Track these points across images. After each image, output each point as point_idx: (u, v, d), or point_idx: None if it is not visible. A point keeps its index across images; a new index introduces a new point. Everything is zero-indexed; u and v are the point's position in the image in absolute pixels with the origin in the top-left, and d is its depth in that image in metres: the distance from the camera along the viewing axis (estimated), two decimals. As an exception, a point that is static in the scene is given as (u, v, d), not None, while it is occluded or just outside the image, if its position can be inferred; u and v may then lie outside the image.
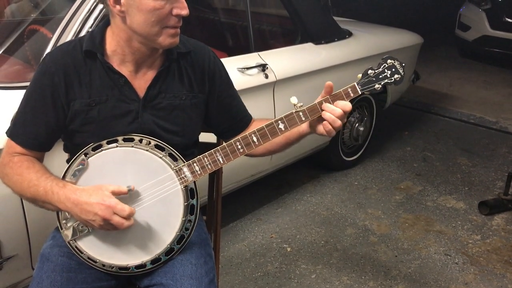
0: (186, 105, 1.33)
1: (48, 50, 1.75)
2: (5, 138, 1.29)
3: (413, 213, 2.90)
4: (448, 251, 2.55)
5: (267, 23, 2.98)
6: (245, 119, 1.45)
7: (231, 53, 2.45)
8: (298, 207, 2.92)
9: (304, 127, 1.29)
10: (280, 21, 3.08)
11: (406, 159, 3.61)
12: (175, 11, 1.18)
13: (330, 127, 1.22)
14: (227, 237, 2.60)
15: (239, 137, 1.26)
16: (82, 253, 1.27)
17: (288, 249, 2.53)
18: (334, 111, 1.21)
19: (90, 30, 1.76)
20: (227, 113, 1.42)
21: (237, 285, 2.25)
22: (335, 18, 3.31)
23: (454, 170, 3.45)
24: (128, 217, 1.16)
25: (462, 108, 4.63)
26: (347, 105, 1.22)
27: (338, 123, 1.21)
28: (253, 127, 1.33)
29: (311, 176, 3.29)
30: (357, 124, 3.27)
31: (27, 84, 1.28)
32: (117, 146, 1.24)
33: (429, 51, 6.05)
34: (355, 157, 3.44)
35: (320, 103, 1.23)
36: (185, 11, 1.19)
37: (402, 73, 1.29)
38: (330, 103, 1.22)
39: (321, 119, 1.23)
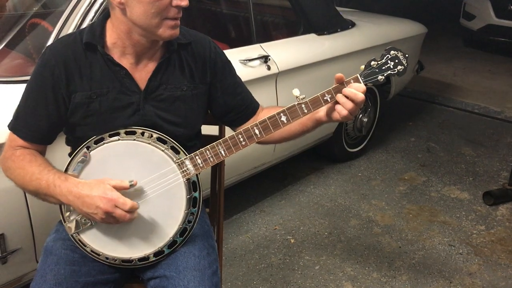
0: (187, 96, 1.33)
1: (49, 43, 1.74)
2: (7, 132, 1.29)
3: (417, 204, 2.89)
4: (452, 241, 2.55)
5: (269, 14, 2.96)
6: (252, 106, 1.44)
7: (233, 45, 2.43)
8: (302, 198, 2.92)
9: (322, 115, 1.28)
10: (282, 12, 3.06)
11: (410, 149, 3.60)
12: (174, 2, 1.17)
13: (346, 112, 1.20)
14: (231, 229, 2.60)
15: (241, 129, 1.25)
16: (85, 246, 1.28)
17: (292, 241, 2.53)
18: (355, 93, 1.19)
19: (91, 22, 1.75)
20: (232, 101, 1.41)
21: (240, 277, 2.26)
22: (338, 8, 3.28)
23: (458, 160, 3.44)
24: (130, 211, 1.17)
25: (467, 98, 4.60)
26: (360, 86, 1.21)
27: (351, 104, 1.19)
28: (263, 115, 1.32)
29: (315, 167, 3.28)
30: (360, 115, 3.26)
31: (29, 78, 1.28)
32: (119, 139, 1.24)
33: (433, 41, 6.01)
34: (358, 148, 3.43)
35: (329, 91, 1.22)
36: (184, 2, 1.18)
37: (406, 64, 1.28)
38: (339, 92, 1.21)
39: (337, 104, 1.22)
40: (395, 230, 2.63)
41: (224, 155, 1.26)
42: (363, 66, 1.25)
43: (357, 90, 1.20)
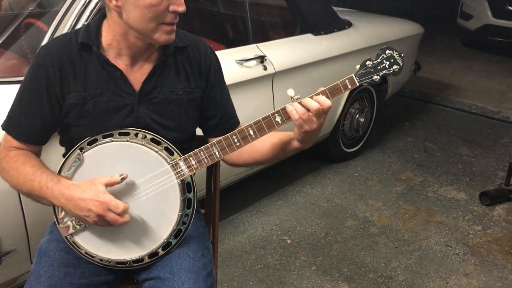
0: (182, 100, 1.32)
1: (44, 43, 1.73)
2: (2, 132, 1.28)
3: (413, 204, 2.89)
4: (448, 242, 2.55)
5: (266, 14, 2.96)
6: (233, 121, 1.44)
7: (230, 44, 2.43)
8: (298, 199, 2.91)
9: (291, 136, 1.27)
10: (279, 12, 3.06)
11: (407, 150, 3.60)
12: (171, 8, 1.17)
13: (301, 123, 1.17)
14: (227, 230, 2.60)
15: (235, 130, 1.25)
16: (79, 248, 1.27)
17: (288, 241, 2.53)
18: (298, 108, 1.16)
19: (86, 23, 1.74)
20: (216, 110, 1.40)
21: (237, 278, 2.26)
22: (335, 8, 3.28)
23: (455, 160, 3.44)
24: (122, 214, 1.16)
25: (464, 98, 4.60)
26: (325, 101, 1.17)
27: (303, 119, 1.16)
28: None
29: (312, 167, 3.28)
30: (357, 115, 3.25)
31: (23, 78, 1.27)
32: (112, 141, 1.23)
33: (431, 40, 6.02)
34: (355, 148, 3.43)
35: (323, 92, 1.20)
36: (181, 8, 1.18)
37: (401, 64, 1.27)
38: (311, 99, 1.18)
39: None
40: (391, 231, 2.63)
41: (218, 156, 1.25)
42: (358, 66, 1.25)
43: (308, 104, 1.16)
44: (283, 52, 2.60)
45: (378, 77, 1.25)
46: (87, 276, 1.28)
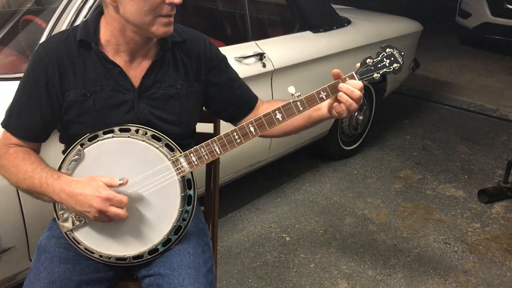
0: (181, 94, 1.32)
1: (42, 40, 1.73)
2: (1, 129, 1.28)
3: (412, 202, 2.90)
4: (447, 239, 2.56)
5: (264, 12, 2.96)
6: (250, 100, 1.43)
7: (228, 42, 2.43)
8: (297, 196, 2.92)
9: (324, 111, 1.29)
10: (278, 9, 3.05)
11: (406, 147, 3.60)
12: (168, 0, 1.17)
13: (344, 108, 1.23)
14: (226, 227, 2.60)
15: (236, 127, 1.25)
16: (79, 244, 1.27)
17: (287, 239, 2.53)
18: (353, 92, 1.21)
19: (84, 20, 1.74)
20: (230, 97, 1.40)
21: (236, 275, 2.26)
22: (334, 6, 3.28)
23: (454, 158, 3.45)
24: (123, 207, 1.16)
25: (462, 96, 4.61)
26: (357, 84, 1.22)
27: (354, 105, 1.22)
28: (264, 109, 1.33)
29: (310, 165, 3.28)
30: (356, 113, 3.25)
31: (21, 75, 1.27)
32: (113, 137, 1.23)
33: (429, 38, 6.01)
34: (354, 146, 3.43)
35: (324, 89, 1.22)
36: (178, 0, 1.18)
37: (401, 62, 1.28)
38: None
39: (337, 101, 1.24)
40: (390, 228, 2.64)
41: (219, 152, 1.25)
42: (358, 64, 1.25)
43: (353, 86, 1.20)
44: (282, 49, 2.60)
45: (379, 75, 1.26)
46: (87, 272, 1.28)
